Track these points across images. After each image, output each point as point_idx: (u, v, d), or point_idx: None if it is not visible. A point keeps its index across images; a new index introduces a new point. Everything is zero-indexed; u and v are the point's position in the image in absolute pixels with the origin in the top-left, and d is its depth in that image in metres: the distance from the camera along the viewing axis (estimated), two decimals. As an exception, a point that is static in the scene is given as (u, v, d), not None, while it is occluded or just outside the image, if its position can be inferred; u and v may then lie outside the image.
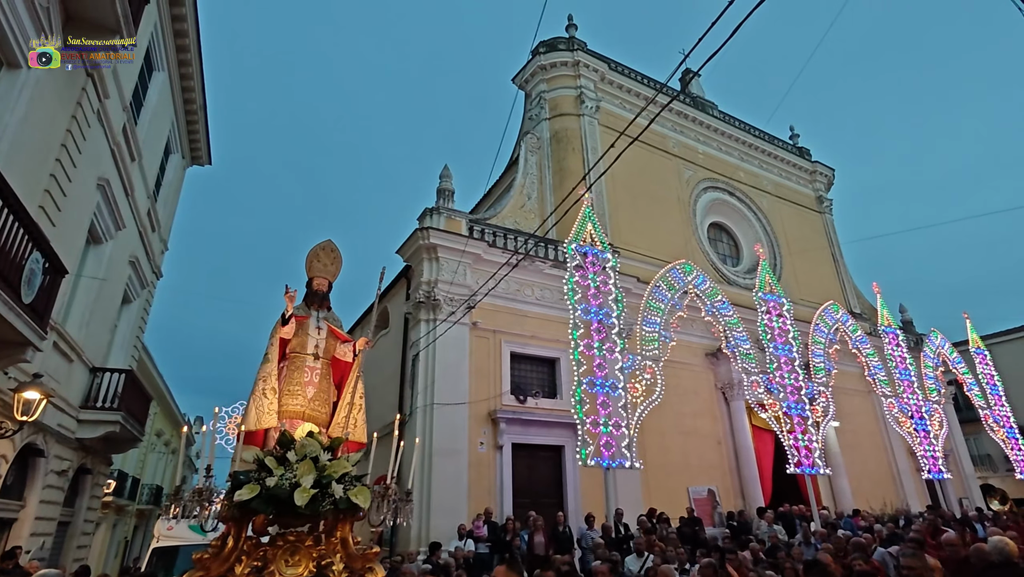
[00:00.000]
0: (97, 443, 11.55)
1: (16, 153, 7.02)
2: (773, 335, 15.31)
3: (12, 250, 5.94)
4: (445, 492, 12.34)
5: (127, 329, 13.77)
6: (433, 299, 14.04)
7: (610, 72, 21.05)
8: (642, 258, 17.82)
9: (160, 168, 14.72)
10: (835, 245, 25.78)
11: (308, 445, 3.57)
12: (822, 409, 15.19)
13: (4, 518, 8.95)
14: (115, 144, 10.62)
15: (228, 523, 3.58)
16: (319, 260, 4.67)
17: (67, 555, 11.63)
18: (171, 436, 29.71)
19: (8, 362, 6.87)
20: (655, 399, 12.45)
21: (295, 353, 4.29)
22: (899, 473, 20.84)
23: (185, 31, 13.26)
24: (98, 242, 11.08)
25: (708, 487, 15.86)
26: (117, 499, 20.24)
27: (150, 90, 12.89)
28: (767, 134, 25.89)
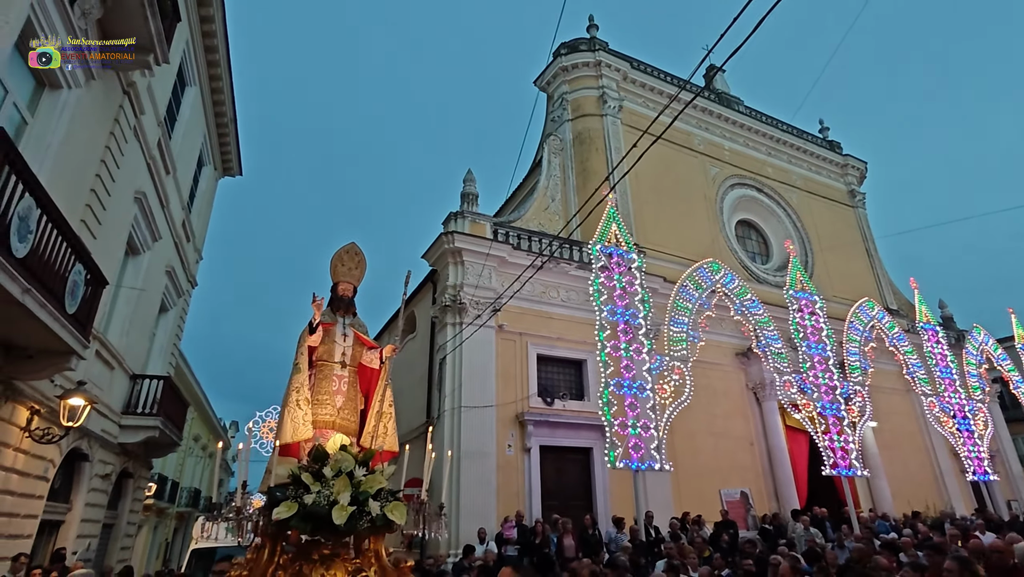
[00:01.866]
0: (138, 448, 11.95)
1: (59, 170, 7.32)
2: (805, 333, 14.95)
3: (56, 262, 6.19)
4: (474, 495, 12.38)
5: (164, 337, 14.21)
6: (459, 303, 14.13)
7: (632, 71, 20.90)
8: (668, 257, 17.62)
9: (193, 180, 15.17)
10: (869, 240, 25.07)
11: (343, 460, 3.61)
12: (858, 409, 14.77)
13: (52, 520, 9.30)
14: (151, 158, 10.99)
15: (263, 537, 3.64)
16: (343, 264, 4.65)
17: (111, 556, 12.04)
18: (208, 440, 30.50)
19: (53, 370, 7.16)
20: (684, 400, 12.30)
21: (323, 361, 4.31)
22: (942, 475, 20.12)
23: (215, 47, 13.66)
24: (136, 253, 11.47)
25: (741, 489, 15.57)
26: (158, 502, 20.86)
27: (183, 105, 13.31)
28: (796, 128, 25.35)
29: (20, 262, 5.38)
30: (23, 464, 7.49)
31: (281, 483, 3.60)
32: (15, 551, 7.36)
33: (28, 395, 7.31)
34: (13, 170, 5.14)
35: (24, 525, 7.83)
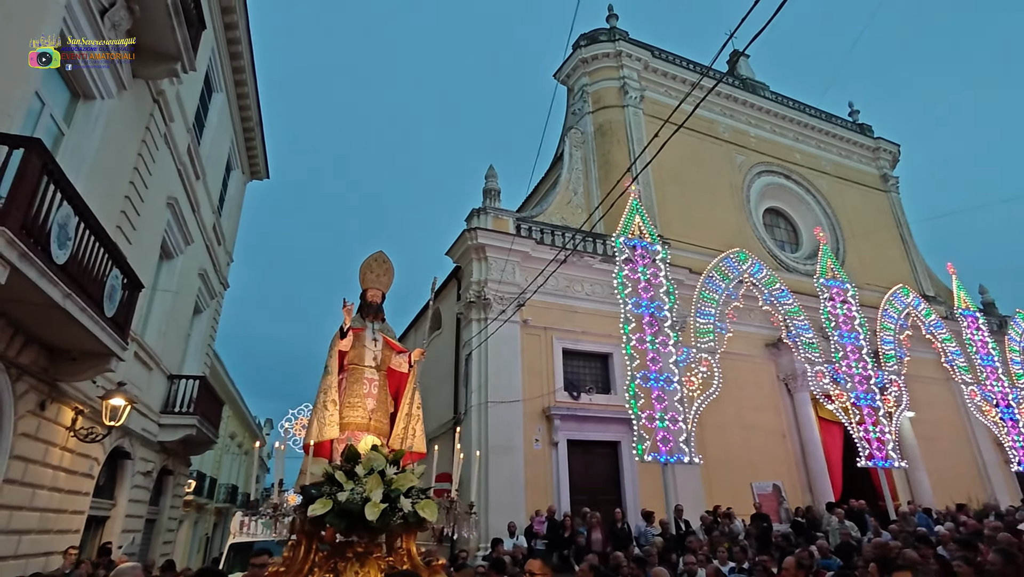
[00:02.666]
0: (177, 445, 12.33)
1: (94, 178, 7.58)
2: (837, 323, 14.63)
3: (94, 268, 6.42)
4: (502, 489, 12.46)
5: (199, 338, 14.62)
6: (484, 298, 14.19)
7: (654, 60, 20.61)
8: (694, 248, 17.37)
9: (222, 184, 15.54)
10: (903, 225, 24.30)
11: (374, 459, 3.69)
12: (894, 399, 14.43)
13: (98, 516, 9.69)
14: (181, 164, 11.29)
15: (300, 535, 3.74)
16: (372, 271, 4.76)
17: (154, 550, 12.48)
18: (243, 438, 31.30)
19: (94, 372, 7.44)
20: (712, 392, 12.17)
21: (354, 365, 4.40)
22: (984, 465, 19.46)
23: (240, 53, 13.93)
24: (169, 257, 11.81)
25: (773, 482, 15.31)
26: (197, 498, 21.51)
27: (210, 111, 13.63)
28: (824, 112, 24.67)
29: (61, 268, 5.59)
30: (69, 462, 7.81)
31: (315, 482, 3.69)
32: (64, 545, 7.70)
33: (72, 396, 7.61)
34: (51, 180, 5.34)
35: (72, 520, 8.18)
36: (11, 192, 4.82)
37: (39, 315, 5.87)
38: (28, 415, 6.63)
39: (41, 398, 6.87)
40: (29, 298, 5.40)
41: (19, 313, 5.89)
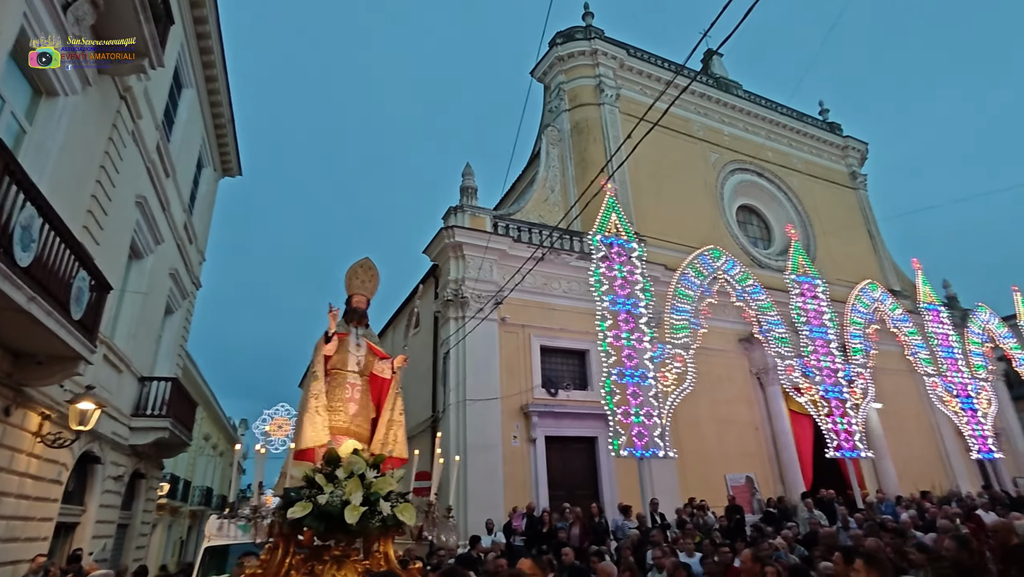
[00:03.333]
0: (149, 449, 12.11)
1: (59, 177, 7.39)
2: (808, 318, 15.01)
3: (60, 270, 6.28)
4: (481, 486, 12.51)
5: (171, 339, 14.34)
6: (461, 297, 14.20)
7: (629, 58, 20.78)
8: (669, 245, 17.61)
9: (193, 181, 15.25)
10: (871, 222, 24.97)
11: (355, 462, 3.71)
12: (861, 391, 14.86)
13: (68, 522, 9.47)
14: (150, 162, 11.05)
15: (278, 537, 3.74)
16: (357, 277, 4.76)
17: (127, 555, 12.25)
18: (218, 439, 30.79)
19: (62, 376, 7.27)
20: (686, 387, 12.39)
21: (337, 370, 4.41)
22: (947, 454, 20.18)
23: (210, 48, 13.67)
24: (139, 257, 11.57)
25: (746, 474, 15.67)
26: (171, 501, 21.13)
27: (180, 107, 13.35)
28: (795, 111, 25.18)
29: (24, 271, 5.47)
30: (36, 468, 7.63)
31: (296, 485, 3.69)
32: (33, 553, 7.52)
33: (39, 401, 7.43)
34: (13, 180, 5.21)
35: (40, 528, 8.00)
36: (-29, 194, 4.70)
37: (2, 319, 5.73)
38: (-8, 421, 6.47)
39: (6, 404, 6.70)
40: (-8, 302, 5.27)
41: (-19, 317, 5.74)
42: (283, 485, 4.01)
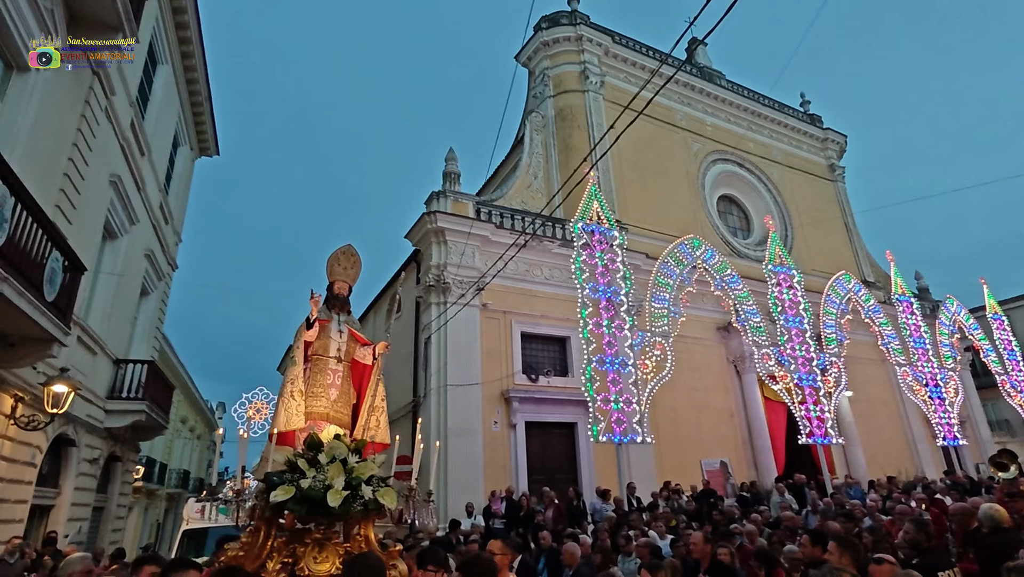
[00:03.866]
0: (125, 432, 11.98)
1: (30, 155, 7.19)
2: (784, 307, 15.30)
3: (32, 250, 6.15)
4: (461, 471, 12.63)
5: (147, 321, 14.12)
6: (443, 282, 14.19)
7: (614, 45, 20.73)
8: (650, 234, 17.77)
9: (169, 161, 14.91)
10: (848, 214, 25.43)
11: (336, 448, 3.73)
12: (834, 380, 15.24)
13: (42, 505, 9.37)
14: (124, 140, 10.79)
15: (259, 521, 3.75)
16: (339, 264, 4.73)
17: (103, 538, 12.15)
18: (195, 422, 30.50)
19: (35, 358, 7.15)
20: (665, 375, 12.60)
21: (318, 356, 4.40)
22: (915, 441, 20.85)
23: (186, 23, 13.32)
24: (113, 237, 11.33)
25: (721, 459, 16.04)
26: (147, 484, 20.95)
27: (155, 84, 13.01)
28: (776, 102, 25.41)
29: (-4, 251, 5.35)
30: (10, 451, 7.53)
31: (278, 470, 3.71)
32: (8, 535, 7.44)
33: (11, 383, 7.31)
34: (-17, 158, 5.07)
35: (15, 510, 7.91)
36: (-61, 171, 4.57)
37: (-28, 300, 5.61)
38: (-37, 404, 6.35)
39: (-23, 386, 6.58)
40: (-39, 282, 5.15)
41: (-50, 298, 5.61)
42: (264, 469, 4.02)
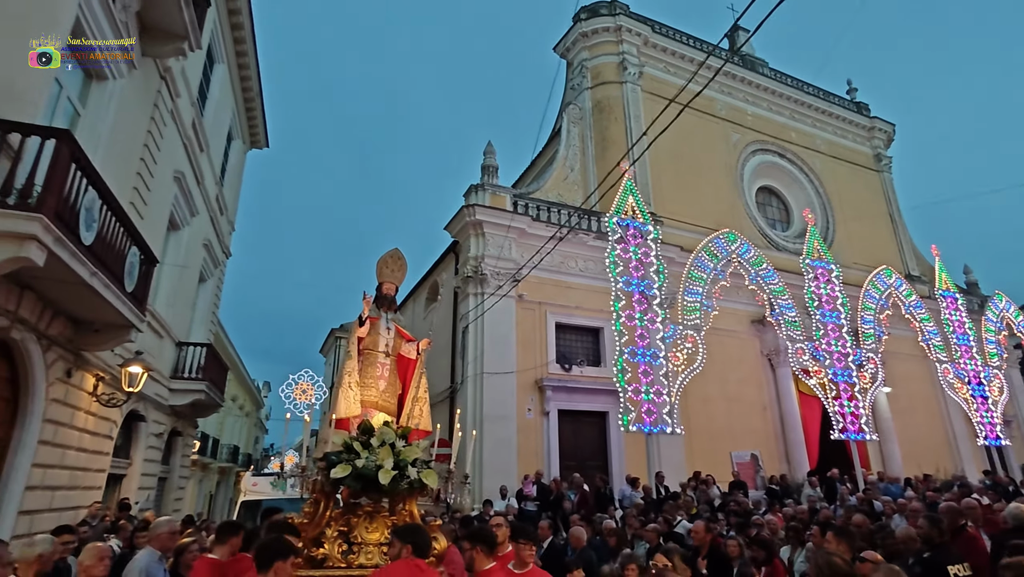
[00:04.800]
0: (186, 409, 12.93)
1: (110, 157, 7.90)
2: (820, 302, 15.21)
3: (116, 246, 6.84)
4: (496, 455, 13.17)
5: (204, 306, 15.07)
6: (481, 274, 14.65)
7: (654, 35, 20.59)
8: (686, 227, 17.79)
9: (224, 154, 15.75)
10: (893, 205, 24.71)
11: (386, 433, 4.24)
12: (870, 375, 15.13)
13: (116, 474, 10.32)
14: (186, 138, 11.55)
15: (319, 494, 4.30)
16: (387, 266, 5.23)
17: (167, 506, 13.21)
18: (244, 400, 32.09)
19: (115, 342, 7.93)
20: (696, 367, 12.80)
21: (368, 350, 4.92)
22: (955, 439, 20.42)
23: (241, 24, 13.99)
24: (176, 229, 12.17)
25: (751, 452, 16.15)
26: (202, 458, 22.33)
27: (212, 83, 13.76)
28: (821, 90, 24.76)
29: (88, 248, 6.01)
30: (92, 425, 8.37)
31: (336, 450, 4.22)
32: (89, 500, 8.34)
33: (94, 364, 8.12)
34: (79, 167, 5.71)
35: (95, 478, 8.80)
36: (46, 181, 5.20)
37: (68, 291, 6.31)
38: (57, 382, 7.14)
39: (68, 366, 7.37)
40: (61, 277, 5.83)
41: (49, 289, 6.34)
42: (323, 450, 4.56)
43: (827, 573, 3.04)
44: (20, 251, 4.95)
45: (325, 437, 4.58)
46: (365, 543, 4.21)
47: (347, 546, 4.13)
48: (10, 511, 6.45)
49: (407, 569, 3.15)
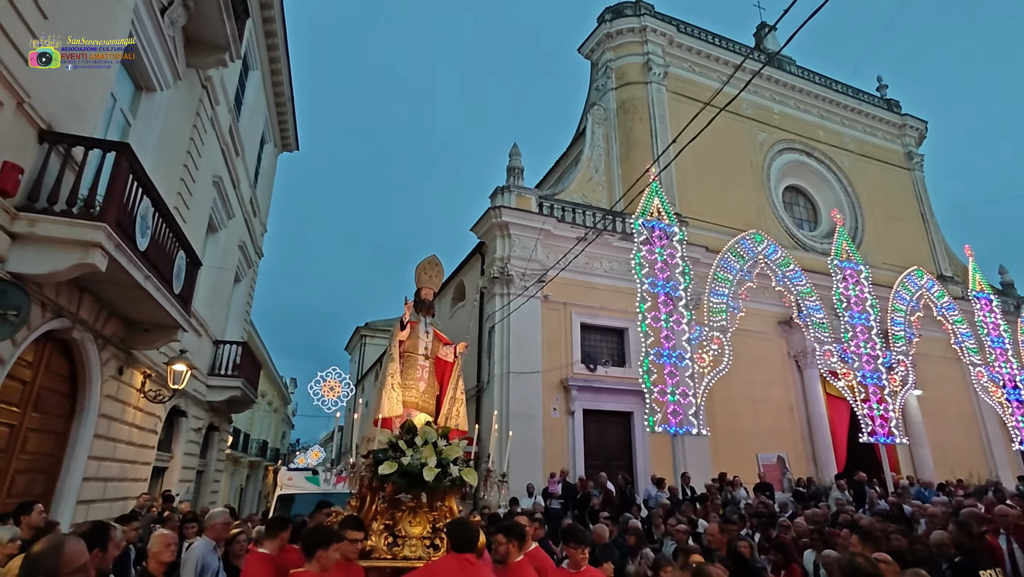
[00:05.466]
0: (222, 405, 13.40)
1: (157, 164, 8.27)
2: (849, 304, 15.06)
3: (166, 251, 7.19)
4: (521, 453, 13.31)
5: (238, 305, 15.56)
6: (506, 274, 14.84)
7: (679, 35, 20.53)
8: (711, 227, 17.75)
9: (257, 158, 16.21)
10: (925, 204, 24.21)
11: (428, 432, 4.45)
12: (900, 378, 14.93)
13: (160, 467, 10.78)
14: (224, 143, 11.97)
15: (366, 489, 4.54)
16: (425, 272, 5.47)
17: (203, 498, 13.69)
18: (272, 396, 32.83)
19: (163, 342, 8.32)
20: (722, 369, 12.81)
21: (408, 353, 5.15)
22: (990, 443, 19.99)
23: (274, 31, 14.39)
24: (214, 231, 12.61)
25: (778, 454, 16.07)
26: (233, 452, 22.96)
27: (247, 89, 14.20)
28: (851, 88, 24.36)
29: (142, 254, 6.35)
30: (140, 420, 8.79)
31: (381, 448, 4.45)
32: (137, 492, 8.75)
33: (142, 362, 8.52)
34: (135, 177, 6.04)
35: (142, 470, 9.23)
36: (108, 192, 5.54)
37: (123, 293, 6.68)
38: (110, 379, 7.54)
39: (120, 364, 7.77)
40: (119, 280, 6.18)
41: (106, 292, 6.71)
42: (367, 448, 4.80)
43: (849, 574, 3.14)
44: (86, 257, 5.28)
45: (370, 435, 4.81)
46: (409, 536, 4.43)
47: (392, 539, 4.36)
48: (70, 501, 6.86)
49: (457, 563, 3.32)
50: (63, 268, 5.30)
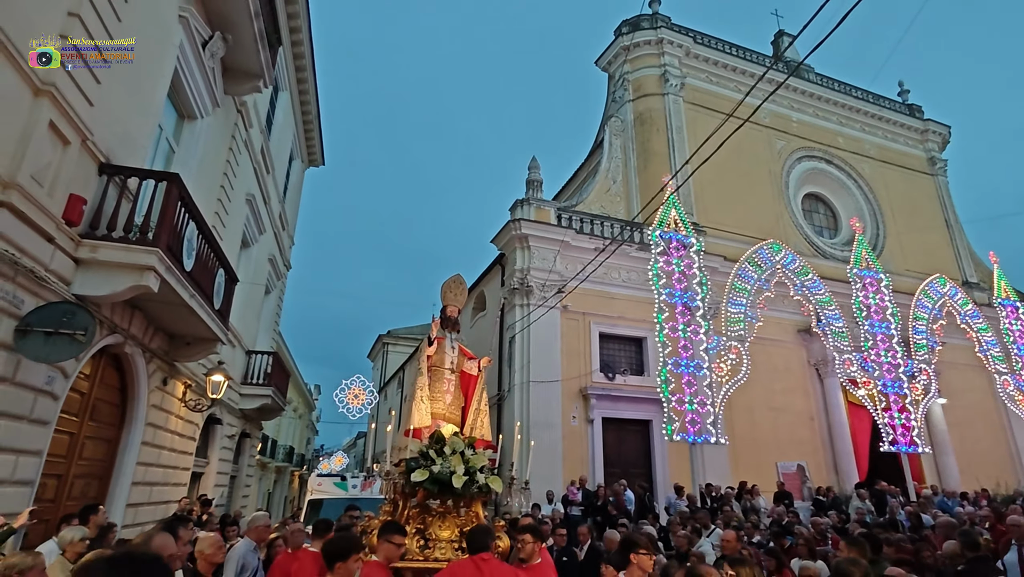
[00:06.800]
0: (253, 412, 13.94)
1: (198, 187, 8.79)
2: (869, 312, 15.08)
3: (208, 270, 7.69)
4: (542, 461, 13.59)
5: (268, 316, 16.15)
6: (527, 286, 15.17)
7: (695, 46, 20.72)
8: (729, 236, 17.86)
9: (286, 174, 16.84)
10: (949, 210, 23.94)
11: (456, 442, 4.79)
12: (923, 387, 14.89)
13: (197, 472, 11.30)
14: (256, 163, 12.54)
15: (398, 495, 4.90)
16: (451, 291, 5.84)
17: (236, 502, 14.24)
18: (298, 404, 33.57)
19: (203, 355, 8.83)
20: (740, 378, 12.96)
21: (435, 367, 5.52)
22: (1018, 452, 19.66)
23: (303, 53, 15.00)
24: (247, 246, 13.19)
25: (798, 462, 16.08)
26: (261, 458, 23.60)
27: (277, 109, 14.81)
28: (871, 94, 24.25)
29: (188, 274, 6.84)
30: (181, 428, 9.31)
31: (412, 457, 4.81)
32: (178, 496, 9.26)
33: (183, 373, 9.04)
34: (183, 204, 6.53)
35: (182, 476, 9.74)
36: (160, 218, 6.03)
37: (170, 310, 7.17)
38: (156, 389, 8.05)
39: (164, 376, 8.28)
40: (167, 299, 6.66)
41: (154, 309, 7.21)
42: (398, 456, 5.16)
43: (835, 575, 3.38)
44: (141, 280, 5.76)
45: (401, 444, 5.17)
46: (438, 539, 4.78)
47: (423, 541, 4.70)
48: (120, 504, 7.36)
49: (473, 563, 3.66)
50: (121, 290, 5.79)
